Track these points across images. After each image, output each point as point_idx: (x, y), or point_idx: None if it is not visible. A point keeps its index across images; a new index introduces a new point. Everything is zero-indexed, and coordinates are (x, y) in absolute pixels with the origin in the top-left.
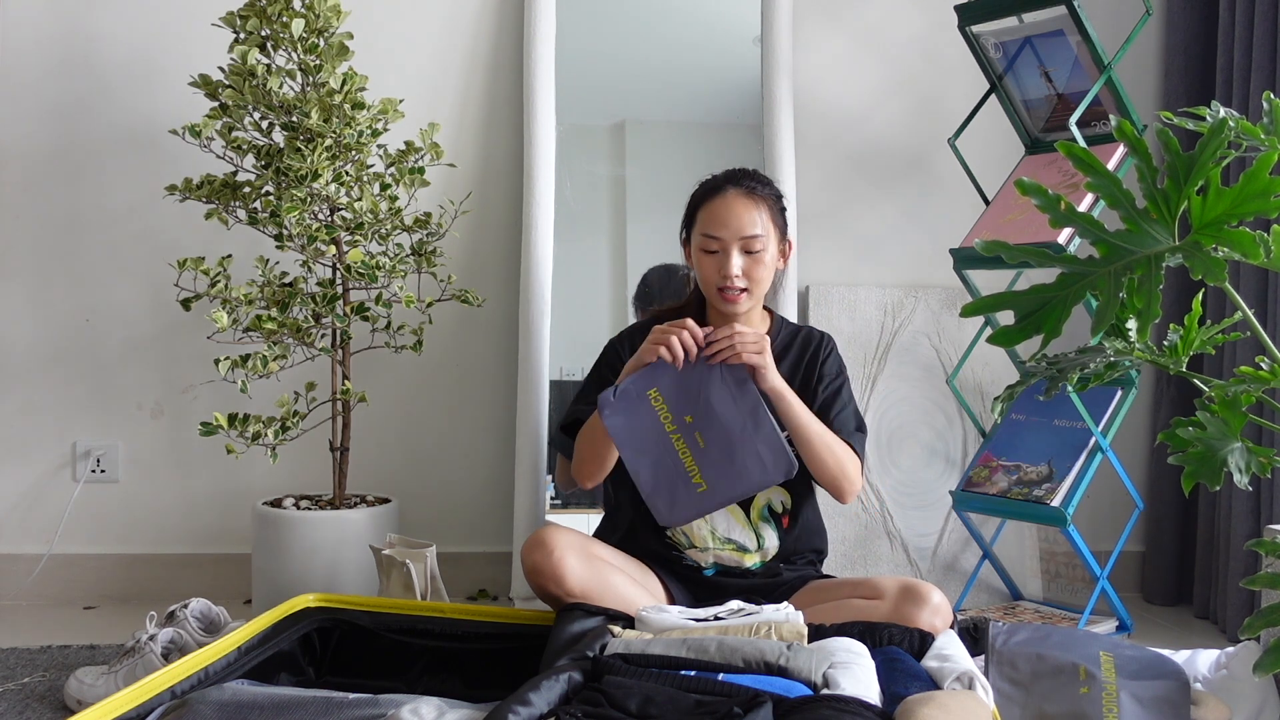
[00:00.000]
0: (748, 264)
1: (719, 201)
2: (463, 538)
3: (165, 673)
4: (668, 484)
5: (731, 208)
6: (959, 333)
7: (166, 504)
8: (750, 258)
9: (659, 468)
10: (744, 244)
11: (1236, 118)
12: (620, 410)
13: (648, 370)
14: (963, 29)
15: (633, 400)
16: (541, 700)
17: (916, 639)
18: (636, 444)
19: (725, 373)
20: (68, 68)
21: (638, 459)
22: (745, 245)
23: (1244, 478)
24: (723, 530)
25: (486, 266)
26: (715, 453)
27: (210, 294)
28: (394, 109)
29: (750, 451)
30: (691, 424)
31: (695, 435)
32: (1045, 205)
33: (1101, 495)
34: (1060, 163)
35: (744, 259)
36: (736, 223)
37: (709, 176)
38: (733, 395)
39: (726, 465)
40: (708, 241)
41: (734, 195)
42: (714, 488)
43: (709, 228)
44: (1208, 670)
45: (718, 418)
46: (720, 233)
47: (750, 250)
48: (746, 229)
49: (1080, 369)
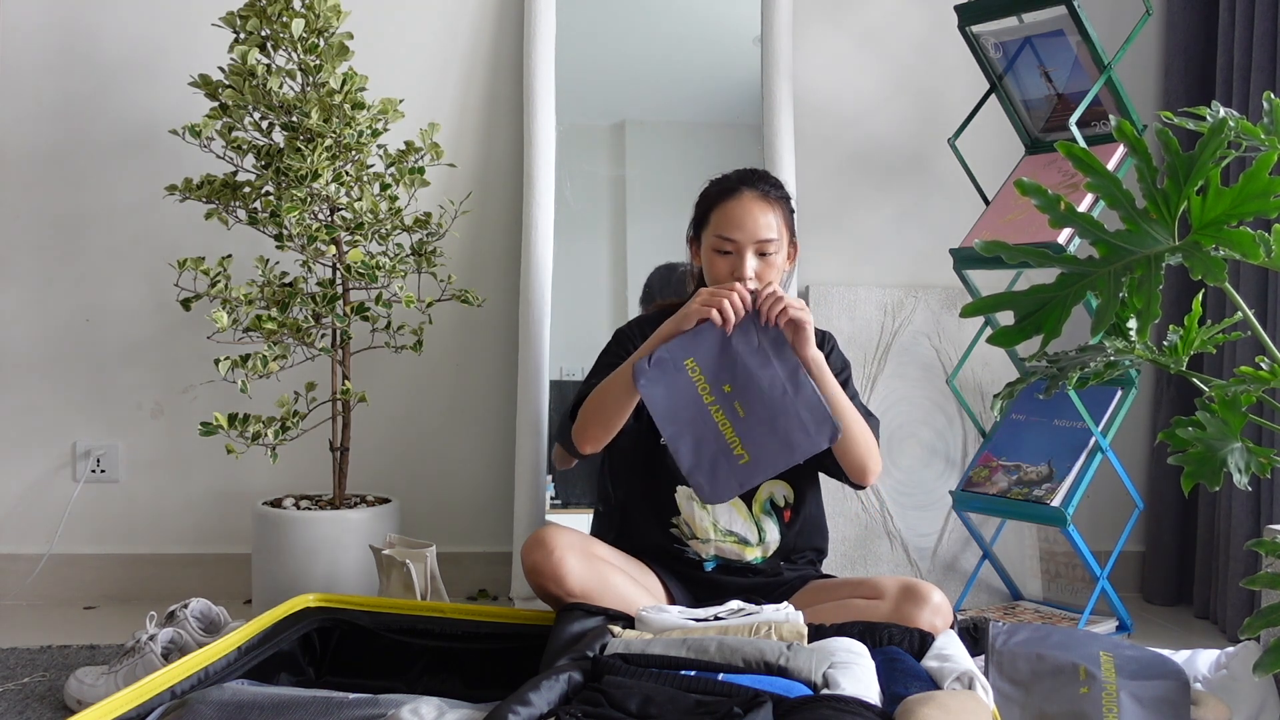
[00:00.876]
0: (760, 266)
1: (735, 204)
2: (463, 538)
3: (165, 673)
4: (709, 458)
5: (749, 211)
6: (959, 333)
7: (166, 504)
8: (763, 260)
9: (700, 442)
10: (759, 247)
11: (1236, 118)
12: (657, 380)
13: (685, 338)
14: (963, 29)
15: (669, 370)
16: (541, 700)
17: (916, 639)
18: (675, 415)
19: (763, 338)
20: (68, 67)
21: (677, 433)
22: (760, 248)
23: (1243, 478)
24: (724, 522)
25: (486, 266)
26: (756, 422)
27: (210, 294)
28: (394, 109)
29: (793, 417)
30: (730, 394)
31: (734, 405)
32: (1045, 205)
33: (1101, 495)
34: (1060, 163)
35: (757, 261)
36: (753, 226)
37: (720, 176)
38: (772, 360)
39: (768, 434)
40: (722, 243)
41: (750, 198)
42: (757, 458)
43: (724, 229)
44: (1208, 670)
45: (756, 384)
46: (736, 235)
47: (764, 253)
48: (762, 232)
49: (1080, 368)
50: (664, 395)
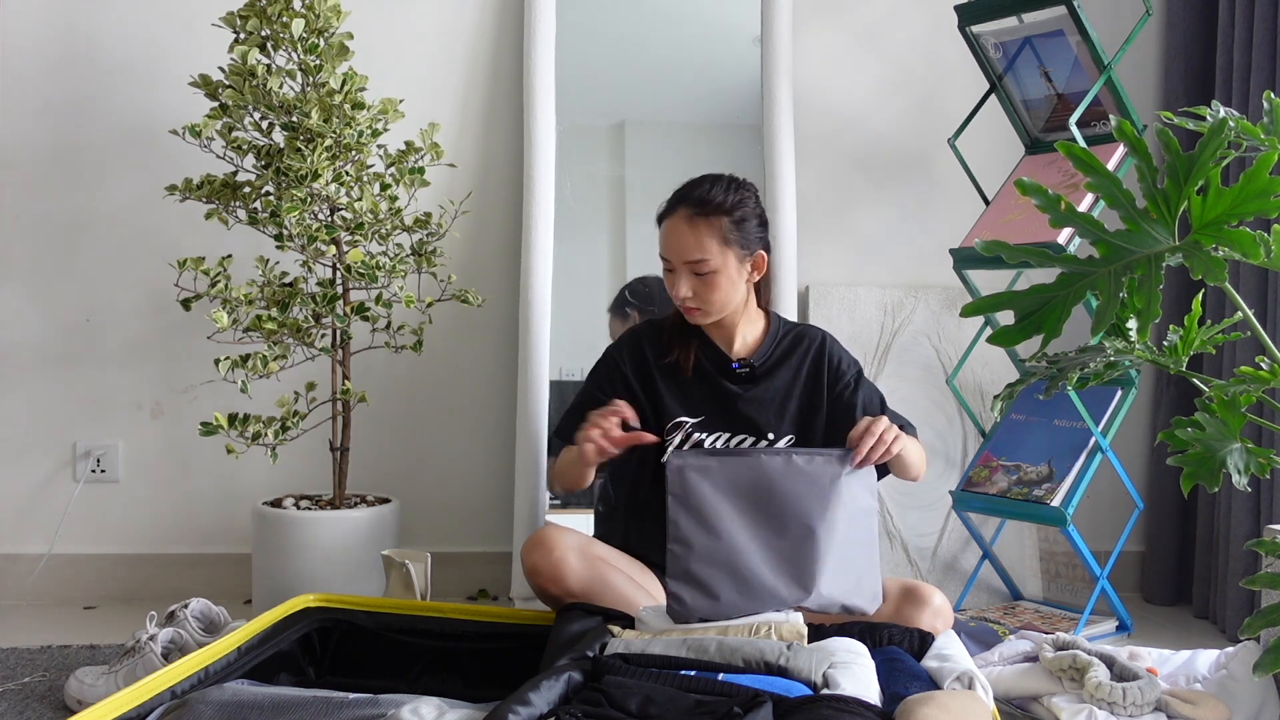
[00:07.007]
0: (697, 284)
1: (668, 224)
2: (463, 538)
3: (165, 673)
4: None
5: (676, 231)
6: (959, 333)
7: (166, 504)
8: (700, 279)
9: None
10: (690, 267)
11: (1236, 118)
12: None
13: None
14: (963, 29)
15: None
16: (541, 700)
17: (916, 639)
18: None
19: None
20: (68, 68)
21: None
22: (692, 268)
23: (1242, 479)
24: None
25: (486, 266)
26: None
27: (210, 294)
28: (394, 109)
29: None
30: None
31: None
32: (1045, 205)
33: (1101, 495)
34: (1060, 163)
35: (694, 280)
36: (680, 246)
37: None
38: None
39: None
40: (663, 261)
41: (679, 218)
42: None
43: (661, 249)
44: (1208, 670)
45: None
46: (668, 255)
47: (698, 272)
48: (690, 253)
49: (1080, 368)
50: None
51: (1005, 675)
